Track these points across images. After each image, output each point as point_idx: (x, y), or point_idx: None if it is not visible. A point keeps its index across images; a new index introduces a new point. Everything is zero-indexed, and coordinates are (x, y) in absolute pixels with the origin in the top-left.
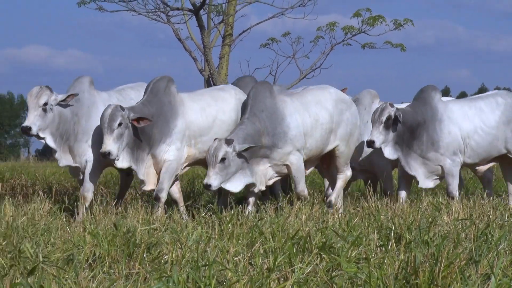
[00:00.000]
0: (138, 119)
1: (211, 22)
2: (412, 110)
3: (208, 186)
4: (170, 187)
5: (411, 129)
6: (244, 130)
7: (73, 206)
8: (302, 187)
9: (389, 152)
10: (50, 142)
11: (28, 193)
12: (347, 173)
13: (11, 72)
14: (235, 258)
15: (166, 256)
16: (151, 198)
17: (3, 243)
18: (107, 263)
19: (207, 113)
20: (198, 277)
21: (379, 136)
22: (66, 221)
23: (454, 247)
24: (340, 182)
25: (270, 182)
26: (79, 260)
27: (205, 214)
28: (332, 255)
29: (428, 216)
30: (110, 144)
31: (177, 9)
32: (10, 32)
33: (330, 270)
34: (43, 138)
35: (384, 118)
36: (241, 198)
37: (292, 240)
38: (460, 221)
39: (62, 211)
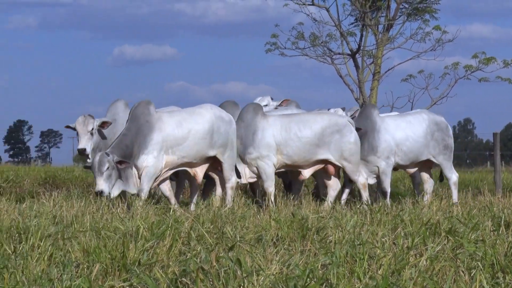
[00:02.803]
0: (120, 162)
1: (364, 63)
2: (356, 124)
3: None
4: (158, 186)
5: None
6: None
7: (262, 199)
8: (268, 185)
9: None
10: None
11: None
12: (361, 180)
13: (218, 101)
14: (382, 239)
15: (331, 237)
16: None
17: (211, 227)
18: (286, 242)
19: (183, 126)
20: (354, 253)
21: None
22: (256, 210)
23: None
24: (361, 191)
25: (251, 180)
26: (266, 240)
27: (359, 206)
28: (456, 237)
29: None
30: (102, 184)
31: (339, 53)
32: (217, 71)
33: (455, 249)
34: (88, 157)
35: None
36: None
37: (426, 225)
38: None
39: (253, 202)
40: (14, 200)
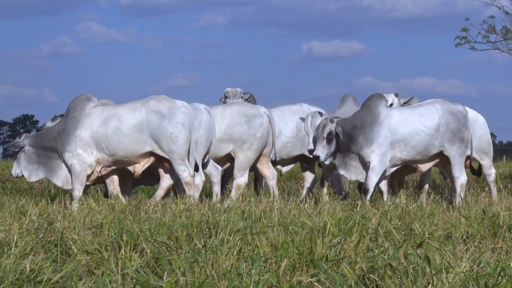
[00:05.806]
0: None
1: None
2: (352, 118)
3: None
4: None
5: (349, 135)
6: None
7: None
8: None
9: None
10: None
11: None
12: (238, 181)
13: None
14: None
15: None
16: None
17: (399, 223)
18: (477, 240)
19: (108, 123)
20: None
21: (323, 151)
22: (446, 207)
23: None
24: (232, 189)
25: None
26: (455, 237)
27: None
28: None
29: None
30: (13, 166)
31: None
32: (405, 67)
33: None
34: None
35: (325, 134)
36: None
37: None
38: None
39: (443, 200)
40: (204, 195)
